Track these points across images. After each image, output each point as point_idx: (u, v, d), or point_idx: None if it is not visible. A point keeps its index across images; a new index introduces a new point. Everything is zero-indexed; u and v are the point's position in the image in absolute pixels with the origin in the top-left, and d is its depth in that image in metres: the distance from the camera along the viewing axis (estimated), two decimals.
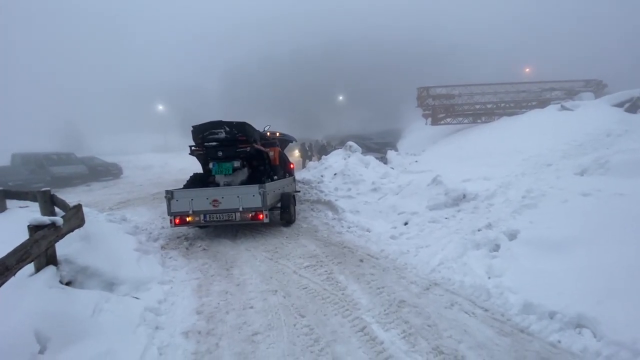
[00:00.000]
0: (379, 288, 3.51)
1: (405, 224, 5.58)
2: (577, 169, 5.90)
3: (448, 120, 17.86)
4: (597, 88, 16.42)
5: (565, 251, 3.41)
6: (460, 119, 17.68)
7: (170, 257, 4.85)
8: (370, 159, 9.85)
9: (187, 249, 5.27)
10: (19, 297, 2.54)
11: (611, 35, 29.73)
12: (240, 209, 5.39)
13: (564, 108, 11.99)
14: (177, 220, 5.51)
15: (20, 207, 5.90)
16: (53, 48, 34.35)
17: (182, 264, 4.59)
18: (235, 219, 5.45)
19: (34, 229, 2.83)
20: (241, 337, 2.77)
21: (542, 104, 15.44)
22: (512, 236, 3.98)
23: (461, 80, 18.03)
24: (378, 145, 17.22)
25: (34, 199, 5.04)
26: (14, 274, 2.40)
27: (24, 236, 2.73)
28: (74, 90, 32.07)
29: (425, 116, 18.46)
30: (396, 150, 16.75)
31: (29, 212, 4.77)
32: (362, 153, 10.98)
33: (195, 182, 6.39)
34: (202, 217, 5.47)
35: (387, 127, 26.18)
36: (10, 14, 34.86)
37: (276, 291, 3.57)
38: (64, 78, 32.50)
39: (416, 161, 12.57)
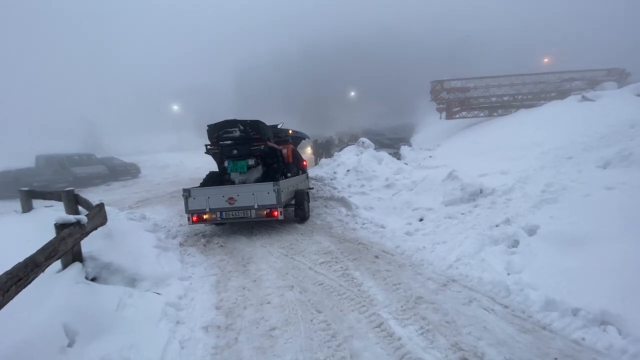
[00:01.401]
0: (395, 284, 3.49)
1: (421, 220, 5.53)
2: (600, 161, 5.68)
3: (463, 113, 17.52)
4: (620, 77, 15.73)
5: (588, 247, 3.31)
6: (476, 112, 17.30)
7: (188, 254, 4.97)
8: (384, 154, 9.77)
9: (204, 245, 5.39)
10: (48, 292, 2.65)
11: (634, 21, 28.35)
12: (256, 206, 5.46)
13: (585, 99, 11.55)
14: (194, 218, 5.63)
15: (46, 206, 6.14)
16: (71, 50, 35.44)
17: (200, 261, 4.70)
18: (251, 216, 5.52)
19: (60, 227, 2.95)
20: (259, 332, 2.82)
21: (562, 95, 14.91)
22: (532, 232, 3.89)
23: (476, 72, 17.62)
24: (391, 141, 17.04)
25: (58, 199, 5.24)
26: (43, 271, 2.51)
27: (50, 234, 2.85)
28: (92, 92, 33.08)
29: (440, 110, 18.17)
30: (410, 145, 16.56)
31: (55, 211, 4.96)
32: (375, 149, 10.91)
33: (211, 180, 6.51)
34: (218, 214, 5.57)
35: (401, 122, 25.89)
36: (25, 15, 36.23)
37: (292, 287, 3.61)
38: (83, 80, 33.52)
39: (430, 156, 12.41)
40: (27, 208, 5.99)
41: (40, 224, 4.27)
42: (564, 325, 2.55)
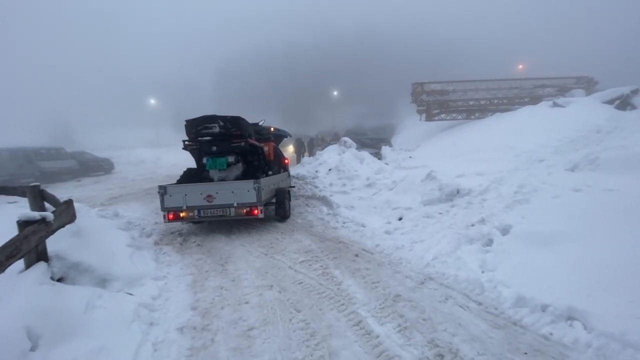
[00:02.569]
0: (374, 282, 3.52)
1: (400, 219, 5.61)
2: (569, 164, 5.99)
3: (442, 116, 17.99)
4: (588, 85, 16.66)
5: (556, 246, 3.47)
6: (454, 115, 17.82)
7: (164, 253, 4.81)
8: (365, 154, 9.86)
9: (181, 244, 5.23)
10: (9, 294, 2.48)
11: (603, 33, 30.14)
12: (235, 205, 5.35)
13: (555, 105, 12.15)
14: (170, 216, 5.45)
15: (9, 202, 5.76)
16: (42, 40, 33.51)
17: (176, 260, 4.56)
18: (230, 214, 5.41)
19: (23, 224, 2.77)
20: (237, 332, 2.76)
21: (535, 100, 15.62)
22: (505, 231, 4.03)
23: (456, 76, 18.13)
24: (373, 141, 17.24)
25: (22, 195, 4.92)
26: (4, 271, 2.35)
27: (13, 232, 2.67)
28: (63, 84, 31.41)
29: (420, 112, 18.55)
30: (391, 146, 16.82)
31: (18, 208, 4.66)
32: (357, 148, 10.99)
33: (189, 177, 6.32)
34: (196, 212, 5.42)
35: (382, 123, 26.23)
36: None
37: (272, 286, 3.57)
38: (53, 71, 31.76)
39: (410, 157, 12.65)
40: None
41: (2, 220, 4.00)
42: (534, 321, 2.66)
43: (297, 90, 32.16)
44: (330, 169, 9.05)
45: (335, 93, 33.54)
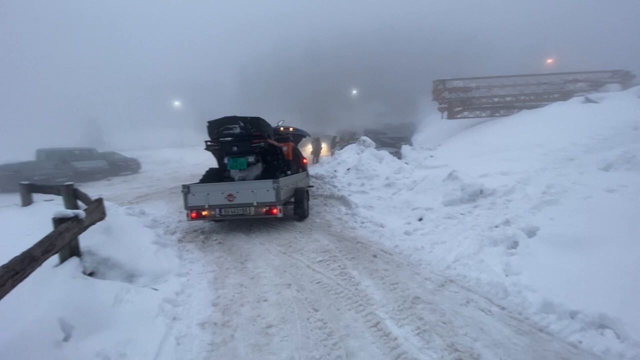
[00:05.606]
0: (392, 284, 3.49)
1: (420, 219, 5.51)
2: (602, 163, 5.65)
3: (465, 114, 17.46)
4: (625, 79, 15.65)
5: (587, 249, 3.29)
6: (478, 112, 17.25)
7: (187, 250, 4.97)
8: (384, 153, 9.74)
9: (203, 242, 5.38)
10: (44, 286, 2.65)
11: (639, 23, 28.16)
12: (255, 204, 5.45)
13: (588, 100, 11.51)
14: (193, 214, 5.62)
15: (46, 200, 6.14)
16: (74, 46, 35.42)
17: (198, 257, 4.70)
18: (250, 213, 5.52)
19: (58, 221, 2.95)
20: (255, 329, 2.81)
21: (565, 96, 14.85)
22: (532, 233, 3.87)
23: (479, 72, 17.55)
24: (392, 140, 17.00)
25: (58, 193, 5.24)
26: (40, 265, 2.51)
27: (49, 228, 2.85)
28: (95, 88, 33.12)
29: (441, 110, 18.10)
30: (411, 144, 16.52)
31: (54, 205, 4.97)
32: (376, 148, 10.88)
33: (211, 176, 6.49)
34: (217, 211, 5.56)
35: (402, 121, 25.81)
36: (27, 11, 36.23)
37: (290, 285, 3.60)
38: (85, 76, 33.54)
39: (431, 156, 12.39)
40: (27, 202, 6.00)
41: (40, 217, 4.27)
42: (562, 328, 2.54)
43: (317, 89, 32.25)
44: (348, 169, 9.01)
45: (354, 92, 33.33)
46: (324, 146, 20.76)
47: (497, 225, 4.40)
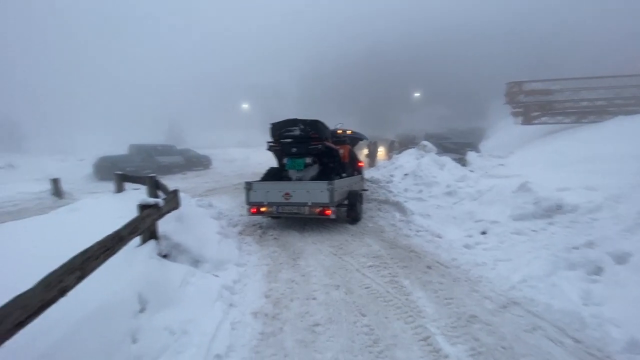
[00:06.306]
0: (447, 299, 3.29)
1: (483, 233, 5.10)
2: None
3: (544, 119, 15.56)
4: None
5: None
6: (561, 117, 15.24)
7: (245, 243, 5.32)
8: (446, 160, 9.21)
9: (260, 236, 5.71)
10: (127, 263, 3.08)
11: None
12: (309, 204, 5.61)
13: None
14: (253, 210, 6.00)
15: (134, 189, 7.12)
16: (161, 55, 40.61)
17: (255, 250, 5.00)
18: (304, 212, 5.69)
19: (142, 207, 3.41)
20: (303, 325, 2.90)
21: None
22: (621, 259, 3.32)
23: (562, 74, 15.51)
24: (456, 146, 15.93)
25: (143, 183, 6.04)
26: (126, 244, 2.92)
27: (135, 213, 3.31)
28: (177, 91, 37.43)
29: (516, 114, 16.40)
30: (478, 151, 15.30)
31: (140, 194, 5.73)
32: (437, 153, 10.34)
33: (271, 175, 6.86)
34: (275, 208, 5.86)
35: (469, 126, 24.08)
36: (116, 21, 42.48)
37: (338, 286, 3.63)
38: (169, 81, 38.15)
39: (502, 164, 11.30)
40: (119, 189, 7.01)
41: (129, 203, 4.96)
42: None
43: (377, 92, 31.83)
44: (406, 174, 8.73)
45: (417, 94, 32.06)
46: (381, 150, 20.36)
47: (576, 247, 3.87)
